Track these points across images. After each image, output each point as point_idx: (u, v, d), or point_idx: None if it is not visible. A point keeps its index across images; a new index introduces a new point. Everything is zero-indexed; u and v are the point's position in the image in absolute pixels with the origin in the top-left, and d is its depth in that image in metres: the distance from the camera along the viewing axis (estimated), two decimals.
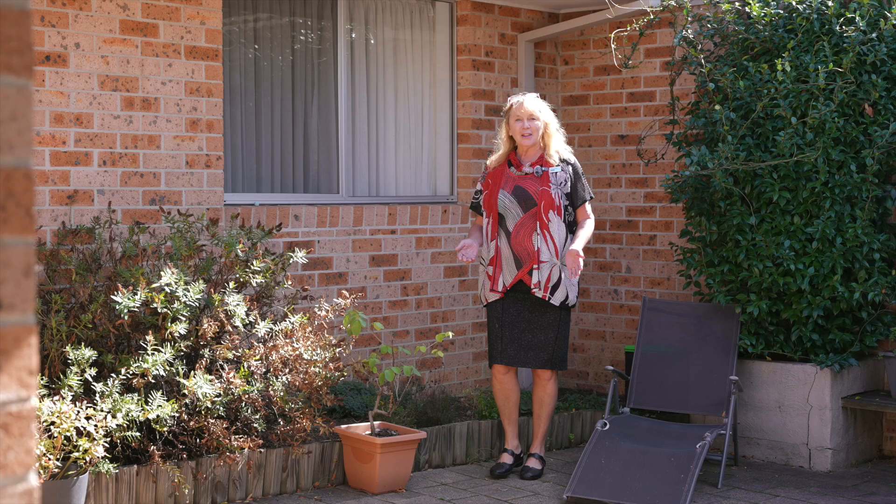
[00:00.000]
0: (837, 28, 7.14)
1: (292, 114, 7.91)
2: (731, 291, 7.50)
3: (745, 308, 7.34)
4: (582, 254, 6.56)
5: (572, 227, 6.84)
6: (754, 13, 7.39)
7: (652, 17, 7.76)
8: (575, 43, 8.96)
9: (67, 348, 5.61)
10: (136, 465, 5.84)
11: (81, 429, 5.35)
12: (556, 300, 6.79)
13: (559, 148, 6.90)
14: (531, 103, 6.85)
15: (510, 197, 6.82)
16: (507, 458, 7.03)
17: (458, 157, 8.55)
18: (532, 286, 6.76)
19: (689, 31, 7.56)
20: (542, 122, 6.84)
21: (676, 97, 7.91)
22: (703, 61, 7.45)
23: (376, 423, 6.66)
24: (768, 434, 7.46)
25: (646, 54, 8.52)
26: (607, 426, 6.94)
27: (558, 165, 6.84)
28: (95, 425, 5.37)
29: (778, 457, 7.42)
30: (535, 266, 6.74)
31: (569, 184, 6.82)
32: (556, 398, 7.11)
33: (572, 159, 6.93)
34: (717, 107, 7.22)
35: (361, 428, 6.65)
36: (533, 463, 7.03)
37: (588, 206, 6.92)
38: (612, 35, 7.87)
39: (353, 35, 8.17)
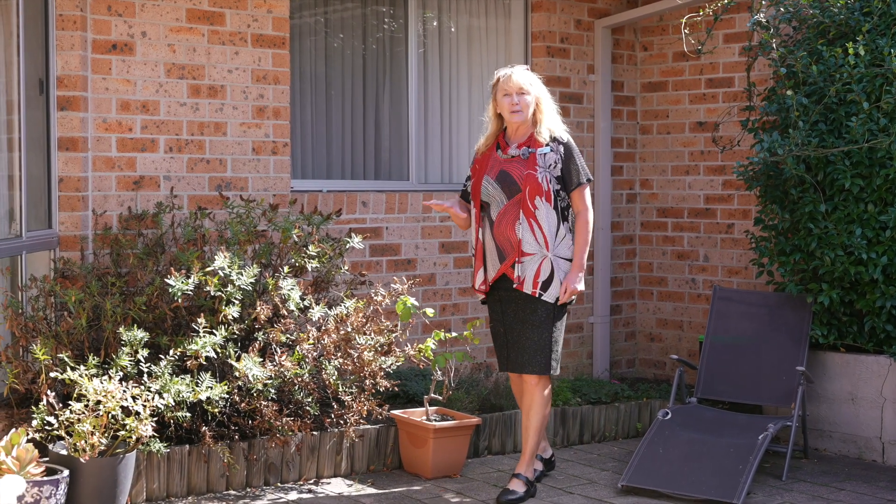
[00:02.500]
0: None
1: (363, 101, 7.98)
2: (804, 281, 7.34)
3: (816, 298, 7.18)
4: (576, 284, 6.02)
5: (566, 214, 6.10)
6: None
7: (727, 1, 7.62)
8: (654, 28, 8.85)
9: (121, 329, 5.74)
10: (187, 445, 5.96)
11: (130, 408, 5.47)
12: (550, 297, 6.03)
13: (552, 125, 6.14)
14: (520, 76, 6.11)
15: (493, 183, 6.10)
16: (535, 464, 6.46)
17: None
18: (515, 281, 6.04)
19: (762, 15, 7.41)
20: (532, 97, 6.09)
21: (753, 83, 7.75)
22: (774, 46, 7.30)
23: (433, 408, 6.69)
24: (841, 427, 7.29)
25: (724, 39, 8.38)
26: (669, 415, 6.86)
27: (548, 146, 6.09)
28: (143, 405, 5.49)
29: (850, 450, 7.25)
30: (518, 260, 6.02)
31: (559, 166, 6.06)
32: (547, 406, 6.21)
33: (565, 137, 6.14)
34: (789, 92, 7.07)
35: (418, 413, 6.68)
36: (515, 484, 6.16)
37: (585, 192, 6.12)
38: (684, 20, 7.74)
39: (426, 22, 8.20)
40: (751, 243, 7.64)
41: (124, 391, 5.47)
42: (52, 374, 5.57)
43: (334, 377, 6.22)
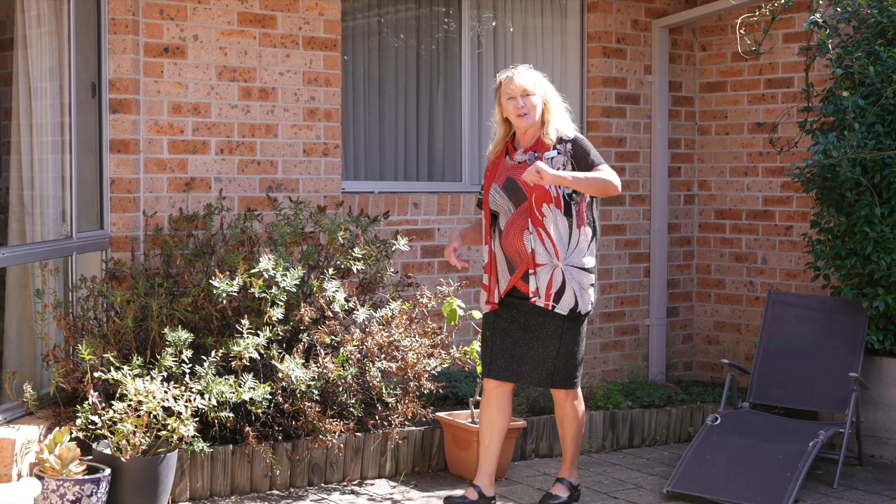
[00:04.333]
0: None
1: (416, 102, 7.99)
2: (860, 285, 7.22)
3: (872, 302, 7.06)
4: (548, 173, 5.47)
5: (583, 218, 5.77)
6: None
7: (784, 0, 7.51)
8: (712, 28, 8.76)
9: (165, 330, 5.81)
10: (231, 445, 6.02)
11: (172, 408, 5.54)
12: (563, 308, 5.74)
13: (559, 125, 5.81)
14: (523, 77, 5.78)
15: (500, 191, 5.82)
16: (471, 494, 5.92)
17: None
18: (530, 294, 5.76)
19: (819, 15, 7.29)
20: (539, 97, 5.78)
21: (811, 83, 7.64)
22: (830, 47, 7.19)
23: (478, 410, 6.68)
24: None
25: (783, 39, 8.27)
26: (718, 420, 6.79)
27: (555, 148, 5.76)
28: (185, 405, 5.55)
29: None
30: (531, 271, 5.73)
31: (570, 166, 5.72)
32: (581, 419, 6.02)
33: (571, 134, 5.80)
34: (845, 93, 6.95)
35: (464, 415, 6.68)
36: (558, 489, 6.07)
37: (602, 167, 5.73)
38: (739, 21, 7.64)
39: (480, 22, 8.19)
40: (807, 246, 7.54)
41: (165, 391, 5.54)
42: (97, 374, 5.66)
43: (378, 379, 6.25)
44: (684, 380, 8.77)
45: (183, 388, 5.67)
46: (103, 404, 5.59)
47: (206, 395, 5.68)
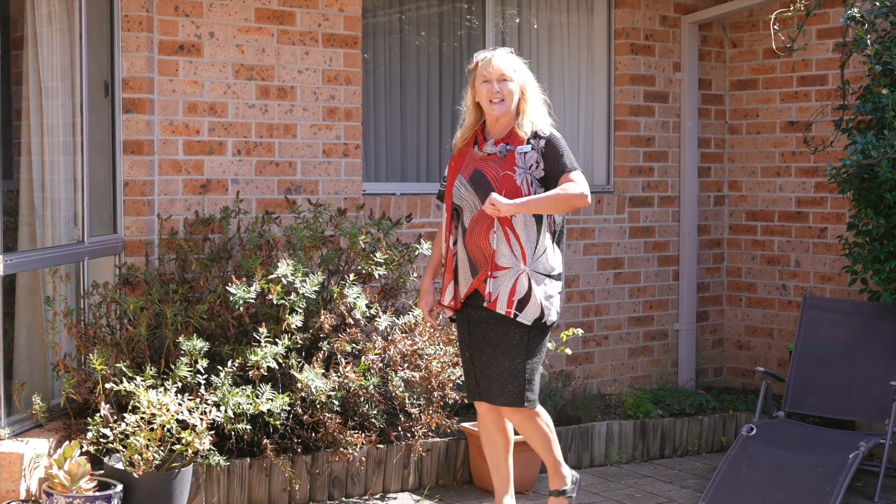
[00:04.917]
0: None
1: (439, 101, 7.77)
2: None
3: None
4: (504, 204, 5.00)
5: (551, 224, 5.26)
6: None
7: None
8: (744, 24, 8.50)
9: (180, 338, 5.59)
10: (248, 458, 5.80)
11: (186, 421, 5.32)
12: (527, 318, 5.17)
13: (535, 118, 5.26)
14: (502, 60, 5.25)
15: (466, 184, 5.25)
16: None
17: (615, 145, 8.22)
18: (486, 298, 5.19)
19: (856, 10, 7.03)
20: (516, 84, 5.24)
21: (847, 81, 7.38)
22: (869, 42, 6.93)
23: None
24: None
25: (817, 35, 8.01)
26: (753, 431, 6.55)
27: (529, 143, 5.21)
28: (200, 418, 5.33)
29: None
30: (491, 274, 5.17)
31: (541, 166, 5.18)
32: (548, 427, 5.42)
33: (547, 131, 5.25)
34: (885, 90, 6.69)
35: None
36: (555, 503, 5.55)
37: (573, 175, 5.16)
38: (773, 16, 7.38)
39: (504, 19, 7.96)
40: (843, 249, 7.28)
41: (180, 404, 5.32)
42: (109, 385, 5.44)
43: (400, 389, 6.02)
44: (715, 386, 8.52)
45: (198, 399, 5.45)
46: (115, 417, 5.38)
47: (223, 407, 5.46)
